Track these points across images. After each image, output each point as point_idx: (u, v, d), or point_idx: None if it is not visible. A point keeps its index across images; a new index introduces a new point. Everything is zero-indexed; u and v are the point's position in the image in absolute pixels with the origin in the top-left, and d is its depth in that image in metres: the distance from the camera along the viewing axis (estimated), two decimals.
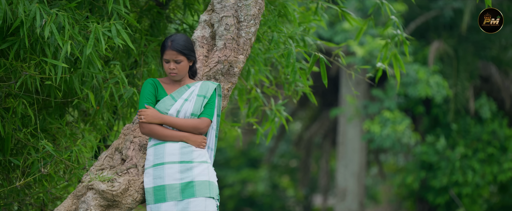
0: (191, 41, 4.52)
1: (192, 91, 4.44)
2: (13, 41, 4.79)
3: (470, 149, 15.13)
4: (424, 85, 14.28)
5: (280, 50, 5.78)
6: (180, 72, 4.44)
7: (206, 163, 4.41)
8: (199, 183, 4.34)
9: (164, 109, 4.40)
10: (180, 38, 4.44)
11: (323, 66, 5.42)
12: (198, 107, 4.40)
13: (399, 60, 6.13)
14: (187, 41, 4.45)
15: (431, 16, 15.43)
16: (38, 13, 4.62)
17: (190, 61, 4.48)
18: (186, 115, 4.39)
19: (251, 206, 22.82)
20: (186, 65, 4.45)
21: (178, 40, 4.42)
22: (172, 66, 4.41)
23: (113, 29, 4.82)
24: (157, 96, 4.46)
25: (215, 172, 4.50)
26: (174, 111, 4.39)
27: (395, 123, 14.69)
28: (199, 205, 4.31)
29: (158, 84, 4.48)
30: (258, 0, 4.91)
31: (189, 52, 4.44)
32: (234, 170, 22.62)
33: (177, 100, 4.40)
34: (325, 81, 5.50)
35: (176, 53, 4.40)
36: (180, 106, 4.39)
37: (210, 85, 4.48)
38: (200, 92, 4.43)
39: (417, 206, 16.58)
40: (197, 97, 4.41)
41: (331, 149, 19.01)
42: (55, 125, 5.41)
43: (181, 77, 4.48)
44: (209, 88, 4.46)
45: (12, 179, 5.38)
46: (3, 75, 4.98)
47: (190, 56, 4.45)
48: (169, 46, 4.40)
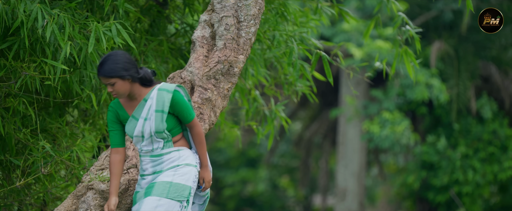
0: (123, 59, 4.21)
1: (149, 107, 4.27)
2: (13, 41, 4.79)
3: (471, 148, 15.14)
4: (422, 88, 14.28)
5: (282, 48, 5.78)
6: (120, 92, 4.23)
7: (178, 166, 4.32)
8: (159, 183, 4.28)
9: (130, 132, 4.30)
10: (106, 60, 4.19)
11: (326, 64, 5.42)
12: (158, 123, 4.24)
13: (410, 55, 6.07)
14: (115, 62, 4.17)
15: (431, 16, 15.43)
16: (40, 13, 4.61)
17: (126, 79, 4.21)
18: (152, 134, 4.26)
19: (251, 206, 22.81)
20: (124, 84, 4.20)
21: (104, 65, 4.18)
22: (109, 90, 4.22)
23: (113, 29, 4.82)
24: (122, 120, 4.35)
25: (193, 174, 4.33)
26: (138, 133, 4.27)
27: (394, 123, 14.69)
28: (149, 204, 4.21)
29: (118, 107, 4.34)
30: (258, 0, 4.91)
31: (118, 72, 4.17)
32: (233, 170, 22.61)
33: (138, 120, 4.27)
34: (330, 79, 5.48)
35: (105, 78, 4.19)
36: (142, 127, 4.26)
37: (165, 97, 4.27)
38: (157, 107, 4.26)
39: (417, 206, 16.57)
40: (156, 113, 4.25)
41: (331, 149, 19.01)
42: (55, 125, 5.41)
43: (126, 95, 4.27)
44: (165, 101, 4.26)
45: (13, 179, 5.38)
46: (3, 75, 4.98)
47: (122, 76, 4.19)
48: (98, 73, 4.22)
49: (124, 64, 4.19)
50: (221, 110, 4.85)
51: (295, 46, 5.50)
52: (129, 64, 4.20)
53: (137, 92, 4.29)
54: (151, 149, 4.31)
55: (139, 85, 4.29)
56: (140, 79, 4.27)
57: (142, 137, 4.28)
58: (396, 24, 6.10)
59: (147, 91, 4.31)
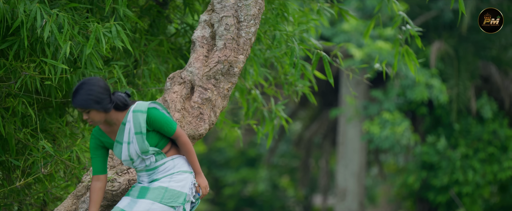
0: (96, 89, 4.16)
1: (129, 130, 4.26)
2: (13, 41, 4.79)
3: (471, 148, 15.14)
4: (422, 89, 14.27)
5: (283, 48, 5.78)
6: (95, 120, 4.22)
7: (172, 174, 4.33)
8: (154, 188, 4.27)
9: (119, 156, 4.32)
10: (79, 90, 4.15)
11: (326, 64, 5.41)
12: (141, 144, 4.24)
13: (411, 54, 6.06)
14: (88, 93, 4.14)
15: (431, 16, 15.43)
16: (39, 13, 4.61)
17: (100, 109, 4.18)
18: (139, 155, 4.27)
19: (251, 206, 22.81)
20: (98, 113, 4.19)
21: (77, 95, 4.15)
22: (85, 117, 4.21)
23: (113, 30, 4.82)
24: (107, 146, 4.35)
25: (189, 181, 4.34)
26: (126, 157, 4.28)
27: (394, 124, 14.68)
28: (142, 207, 4.22)
29: (100, 135, 4.34)
30: (258, 0, 4.91)
31: (90, 105, 4.14)
32: (233, 170, 22.62)
33: (123, 145, 4.28)
34: (330, 79, 5.48)
35: (79, 108, 4.18)
36: (128, 151, 4.27)
37: (140, 118, 4.24)
38: (135, 130, 4.25)
39: (417, 206, 16.57)
40: (136, 136, 4.25)
41: (331, 149, 19.01)
42: (55, 125, 5.41)
43: (102, 123, 4.27)
44: (141, 122, 4.24)
45: (13, 179, 5.38)
46: (3, 75, 4.98)
47: (96, 107, 4.16)
48: (72, 102, 4.20)
49: (97, 95, 4.14)
50: (221, 110, 4.85)
51: (296, 46, 5.50)
52: (102, 95, 4.16)
53: (115, 118, 4.28)
54: (145, 166, 4.32)
55: (115, 111, 4.27)
56: (114, 106, 4.25)
57: (131, 160, 4.30)
58: (396, 23, 6.10)
59: (124, 114, 4.30)
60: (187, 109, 4.74)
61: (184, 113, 4.72)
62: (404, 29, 6.08)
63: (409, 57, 6.04)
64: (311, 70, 5.87)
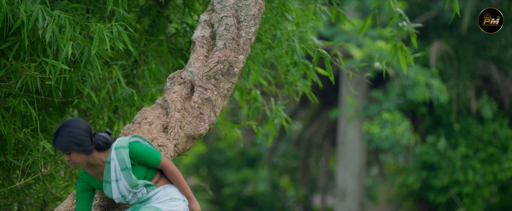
0: (77, 132, 4.18)
1: (115, 168, 4.27)
2: (13, 41, 4.79)
3: (471, 149, 15.14)
4: (422, 89, 14.27)
5: (283, 47, 5.78)
6: (77, 162, 4.24)
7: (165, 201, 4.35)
8: (145, 207, 4.29)
9: (110, 196, 4.33)
10: (60, 133, 4.17)
11: (327, 62, 5.41)
12: (129, 179, 4.25)
13: (406, 51, 6.05)
14: (68, 135, 4.15)
15: (431, 16, 15.43)
16: (40, 14, 4.61)
17: (81, 151, 4.20)
18: (130, 190, 4.28)
19: (251, 206, 22.81)
20: (79, 155, 4.21)
21: (57, 137, 4.16)
22: (66, 158, 4.23)
23: (114, 30, 4.82)
24: (96, 188, 4.37)
25: (181, 208, 4.36)
26: (117, 195, 4.29)
27: (395, 124, 14.69)
28: None
29: (88, 178, 4.36)
30: (258, 0, 4.91)
31: (71, 147, 4.16)
32: (234, 170, 22.62)
33: (111, 183, 4.29)
34: (331, 77, 5.48)
35: (60, 149, 4.20)
36: (117, 188, 4.28)
37: (123, 154, 4.25)
38: (121, 166, 4.26)
39: (417, 206, 16.57)
40: (122, 172, 4.26)
41: (331, 149, 19.01)
42: (55, 124, 5.41)
43: (83, 164, 4.29)
44: (125, 158, 4.25)
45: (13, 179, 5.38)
46: (3, 75, 4.98)
47: (76, 149, 4.18)
48: (53, 144, 4.21)
49: (77, 138, 4.15)
50: (221, 110, 4.85)
51: (297, 45, 5.50)
52: (82, 137, 4.17)
53: (98, 159, 4.29)
54: (137, 198, 4.33)
55: (97, 152, 4.28)
56: (96, 147, 4.25)
57: (123, 196, 4.31)
58: (392, 20, 6.09)
59: (107, 153, 4.30)
60: (187, 109, 4.74)
61: (184, 113, 4.72)
62: (401, 26, 6.07)
63: (403, 54, 6.03)
64: (312, 69, 5.86)
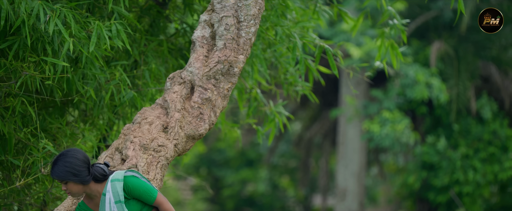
0: (74, 162, 4.19)
1: (109, 200, 4.27)
2: (13, 40, 4.79)
3: (471, 149, 15.15)
4: (422, 88, 14.28)
5: (285, 44, 5.78)
6: (73, 192, 4.25)
7: None
8: None
9: None
10: (57, 162, 4.18)
11: (330, 57, 5.41)
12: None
13: (396, 49, 6.05)
14: (65, 165, 4.17)
15: (431, 16, 15.43)
16: (41, 9, 4.61)
17: (78, 182, 4.21)
18: None
19: (251, 206, 22.81)
20: (75, 185, 4.21)
21: (55, 167, 4.18)
22: (63, 188, 4.24)
23: (113, 29, 4.82)
24: None
25: None
26: None
27: (394, 122, 14.69)
28: None
29: (84, 207, 4.36)
30: (258, 0, 4.91)
31: (68, 178, 4.17)
32: (233, 170, 22.62)
33: None
34: (335, 71, 5.48)
35: (57, 179, 4.21)
36: None
37: (117, 187, 4.25)
38: (115, 199, 4.25)
39: (417, 206, 16.58)
40: (116, 205, 4.25)
41: (331, 149, 19.01)
42: (55, 124, 5.41)
43: (80, 194, 4.29)
44: (118, 191, 4.24)
45: (13, 179, 5.38)
46: (3, 75, 4.98)
47: (73, 180, 4.19)
48: (50, 173, 4.22)
49: (74, 168, 4.16)
50: (221, 110, 4.85)
51: (298, 41, 5.50)
52: (79, 168, 4.18)
53: (94, 190, 4.29)
54: None
55: (94, 183, 4.27)
56: (93, 178, 4.26)
57: None
58: (383, 18, 6.10)
59: (104, 185, 4.30)
60: (187, 109, 4.75)
61: (184, 113, 4.72)
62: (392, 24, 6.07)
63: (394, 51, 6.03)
64: (315, 64, 5.86)
